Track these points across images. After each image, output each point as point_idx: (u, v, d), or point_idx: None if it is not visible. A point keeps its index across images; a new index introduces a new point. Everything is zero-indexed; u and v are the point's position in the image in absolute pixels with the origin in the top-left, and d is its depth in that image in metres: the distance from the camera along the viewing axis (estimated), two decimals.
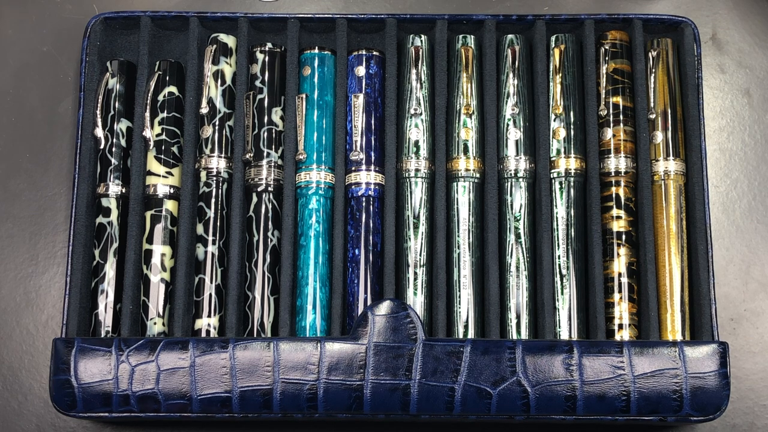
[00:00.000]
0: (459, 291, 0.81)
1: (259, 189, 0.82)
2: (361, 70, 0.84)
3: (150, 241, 0.82)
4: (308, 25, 0.86)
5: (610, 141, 0.83)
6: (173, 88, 0.84)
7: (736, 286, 0.85)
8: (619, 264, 0.81)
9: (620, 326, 0.80)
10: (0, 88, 0.89)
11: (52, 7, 0.91)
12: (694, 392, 0.75)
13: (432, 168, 0.83)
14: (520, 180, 0.82)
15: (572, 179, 0.82)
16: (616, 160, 0.82)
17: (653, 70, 0.83)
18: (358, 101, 0.83)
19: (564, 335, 0.80)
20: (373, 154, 0.83)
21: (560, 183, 0.82)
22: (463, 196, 0.82)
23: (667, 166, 0.82)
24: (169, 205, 0.82)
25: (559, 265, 0.81)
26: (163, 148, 0.83)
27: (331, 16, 0.85)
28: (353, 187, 0.82)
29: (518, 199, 0.82)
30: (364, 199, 0.82)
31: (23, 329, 0.85)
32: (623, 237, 0.81)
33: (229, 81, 0.84)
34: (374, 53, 0.85)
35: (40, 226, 0.86)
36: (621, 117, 0.83)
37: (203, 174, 0.83)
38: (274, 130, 0.83)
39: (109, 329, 0.80)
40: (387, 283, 0.80)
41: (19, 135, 0.88)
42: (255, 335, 0.80)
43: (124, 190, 0.83)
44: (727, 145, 0.88)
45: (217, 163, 0.82)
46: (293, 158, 0.82)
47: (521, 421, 0.76)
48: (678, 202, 0.82)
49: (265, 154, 0.83)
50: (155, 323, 0.81)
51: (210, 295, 0.81)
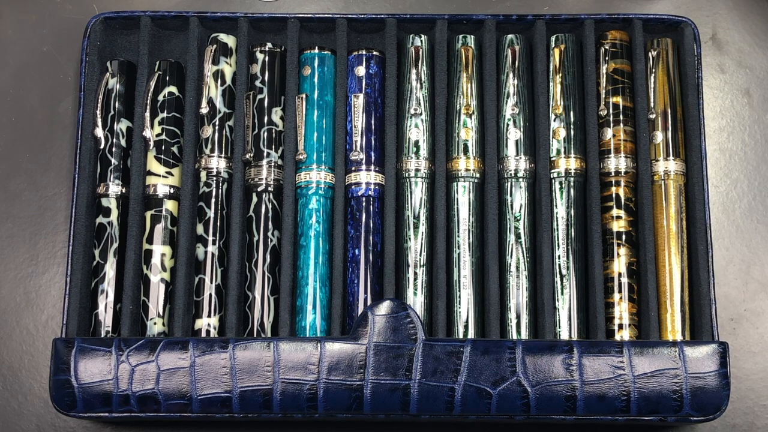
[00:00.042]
0: (459, 291, 0.81)
1: (259, 189, 0.82)
2: (361, 70, 0.84)
3: (150, 241, 0.82)
4: (308, 25, 0.86)
5: (610, 141, 0.83)
6: (173, 88, 0.84)
7: (736, 286, 0.85)
8: (619, 264, 0.81)
9: (620, 326, 0.80)
10: (0, 88, 0.89)
11: (52, 7, 0.91)
12: (694, 392, 0.75)
13: (432, 168, 0.83)
14: (520, 180, 0.82)
15: (572, 179, 0.82)
16: (616, 160, 0.82)
17: (653, 70, 0.83)
18: (358, 101, 0.83)
19: (564, 335, 0.80)
20: (373, 154, 0.83)
21: (560, 183, 0.82)
22: (463, 196, 0.82)
23: (667, 166, 0.82)
24: (169, 205, 0.82)
25: (559, 265, 0.81)
26: (163, 148, 0.83)
27: (331, 16, 0.85)
28: (353, 187, 0.82)
29: (518, 199, 0.82)
30: (364, 199, 0.82)
31: (23, 329, 0.85)
32: (623, 237, 0.81)
33: (229, 81, 0.84)
34: (374, 53, 0.85)
35: (40, 226, 0.86)
36: (621, 117, 0.83)
37: (203, 174, 0.83)
38: (274, 130, 0.83)
39: (109, 329, 0.80)
40: (387, 283, 0.80)
41: (19, 135, 0.88)
42: (255, 335, 0.80)
43: (124, 190, 0.83)
44: (727, 145, 0.88)
45: (217, 163, 0.82)
46: (293, 158, 0.82)
47: (521, 421, 0.76)
48: (678, 202, 0.82)
49: (265, 154, 0.83)
50: (155, 323, 0.81)
51: (210, 295, 0.81)
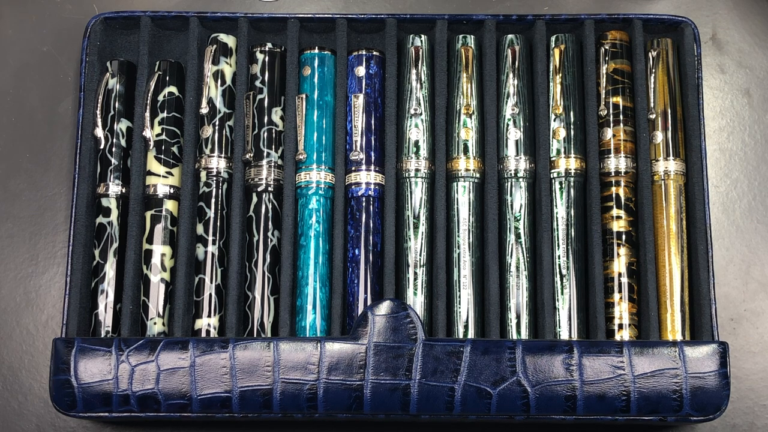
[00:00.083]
0: (459, 291, 0.81)
1: (259, 189, 0.82)
2: (361, 70, 0.84)
3: (150, 241, 0.82)
4: (308, 25, 0.86)
5: (610, 141, 0.83)
6: (173, 88, 0.84)
7: (736, 286, 0.85)
8: (619, 264, 0.81)
9: (620, 326, 0.80)
10: (0, 88, 0.89)
11: (52, 7, 0.91)
12: (694, 392, 0.75)
13: (432, 168, 0.83)
14: (520, 180, 0.82)
15: (572, 179, 0.82)
16: (616, 160, 0.82)
17: (653, 70, 0.83)
18: (358, 101, 0.83)
19: (564, 335, 0.80)
20: (373, 154, 0.83)
21: (560, 183, 0.82)
22: (463, 196, 0.82)
23: (667, 166, 0.82)
24: (169, 205, 0.82)
25: (559, 265, 0.81)
26: (163, 148, 0.83)
27: (331, 16, 0.85)
28: (353, 187, 0.82)
29: (518, 199, 0.82)
30: (364, 199, 0.82)
31: (23, 329, 0.85)
32: (623, 237, 0.81)
33: (229, 81, 0.84)
34: (374, 53, 0.85)
35: (40, 226, 0.86)
36: (621, 117, 0.83)
37: (203, 174, 0.83)
38: (274, 130, 0.83)
39: (109, 329, 0.80)
40: (387, 283, 0.80)
41: (19, 135, 0.88)
42: (255, 335, 0.80)
43: (124, 190, 0.83)
44: (727, 145, 0.88)
45: (217, 163, 0.82)
46: (293, 158, 0.82)
47: (521, 421, 0.76)
48: (678, 202, 0.82)
49: (265, 154, 0.83)
50: (155, 323, 0.81)
51: (210, 295, 0.81)
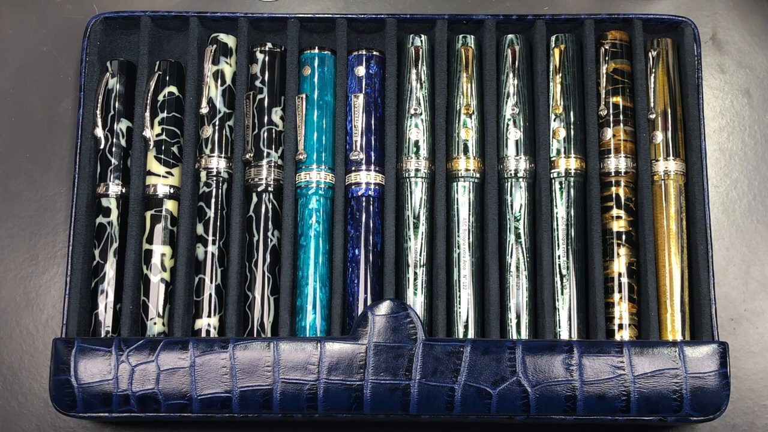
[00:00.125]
0: (459, 291, 0.81)
1: (259, 189, 0.82)
2: (361, 70, 0.84)
3: (150, 241, 0.82)
4: (308, 25, 0.86)
5: (610, 141, 0.83)
6: (173, 88, 0.84)
7: (736, 286, 0.85)
8: (619, 264, 0.81)
9: (620, 326, 0.80)
10: (0, 88, 0.89)
11: (52, 7, 0.91)
12: (694, 392, 0.75)
13: (432, 168, 0.83)
14: (520, 180, 0.82)
15: (572, 179, 0.82)
16: (616, 160, 0.82)
17: (653, 70, 0.83)
18: (358, 101, 0.83)
19: (564, 335, 0.80)
20: (373, 154, 0.83)
21: (560, 183, 0.82)
22: (463, 196, 0.82)
23: (667, 166, 0.82)
24: (169, 205, 0.82)
25: (559, 265, 0.81)
26: (163, 148, 0.83)
27: (331, 16, 0.85)
28: (353, 187, 0.82)
29: (518, 199, 0.82)
30: (364, 199, 0.82)
31: (23, 329, 0.85)
32: (623, 237, 0.81)
33: (229, 81, 0.84)
34: (374, 53, 0.85)
35: (40, 226, 0.86)
36: (621, 117, 0.83)
37: (203, 174, 0.83)
38: (274, 130, 0.83)
39: (109, 329, 0.80)
40: (387, 283, 0.80)
41: (19, 135, 0.88)
42: (255, 335, 0.80)
43: (124, 190, 0.83)
44: (727, 145, 0.88)
45: (217, 163, 0.82)
46: (293, 158, 0.82)
47: (521, 421, 0.76)
48: (678, 202, 0.82)
49: (265, 154, 0.83)
50: (155, 323, 0.81)
51: (210, 295, 0.81)
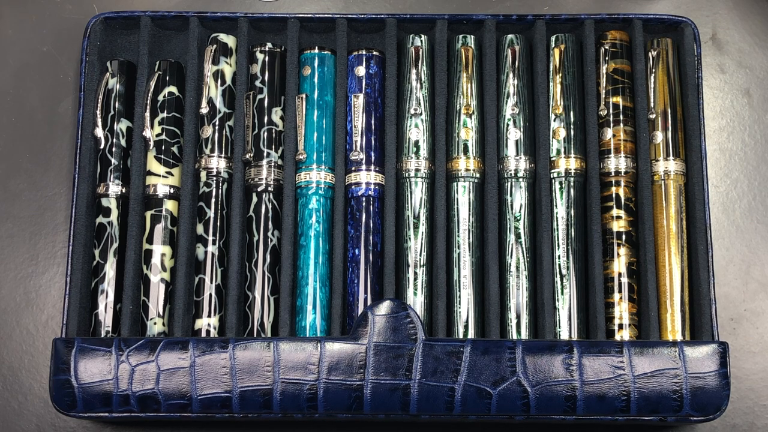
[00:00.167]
0: (459, 291, 0.81)
1: (259, 189, 0.82)
2: (361, 70, 0.84)
3: (150, 241, 0.82)
4: (308, 25, 0.86)
5: (610, 141, 0.83)
6: (173, 88, 0.84)
7: (736, 286, 0.85)
8: (619, 264, 0.81)
9: (620, 326, 0.80)
10: (0, 88, 0.89)
11: (52, 7, 0.91)
12: (694, 392, 0.75)
13: (432, 168, 0.83)
14: (520, 180, 0.82)
15: (572, 179, 0.82)
16: (616, 160, 0.82)
17: (653, 70, 0.83)
18: (358, 101, 0.83)
19: (564, 335, 0.80)
20: (373, 154, 0.83)
21: (560, 183, 0.82)
22: (463, 196, 0.82)
23: (667, 166, 0.82)
24: (169, 205, 0.82)
25: (559, 265, 0.81)
26: (163, 148, 0.83)
27: (331, 16, 0.85)
28: (353, 187, 0.82)
29: (518, 199, 0.82)
30: (364, 199, 0.82)
31: (23, 329, 0.85)
32: (623, 237, 0.81)
33: (229, 81, 0.84)
34: (374, 53, 0.85)
35: (40, 226, 0.86)
36: (621, 117, 0.83)
37: (203, 174, 0.83)
38: (274, 130, 0.83)
39: (109, 329, 0.80)
40: (387, 283, 0.80)
41: (19, 135, 0.88)
42: (255, 335, 0.80)
43: (124, 190, 0.83)
44: (727, 145, 0.88)
45: (217, 163, 0.82)
46: (293, 158, 0.82)
47: (521, 421, 0.76)
48: (678, 202, 0.82)
49: (265, 154, 0.83)
50: (155, 323, 0.81)
51: (210, 295, 0.81)
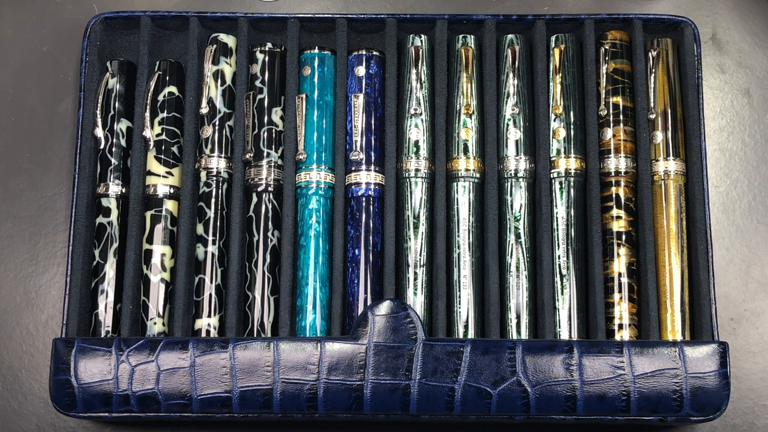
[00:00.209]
0: (459, 291, 0.81)
1: (259, 189, 0.82)
2: (361, 70, 0.84)
3: (150, 241, 0.82)
4: (308, 25, 0.86)
5: (610, 141, 0.83)
6: (173, 88, 0.84)
7: (736, 286, 0.85)
8: (619, 264, 0.81)
9: (620, 326, 0.80)
10: (0, 88, 0.89)
11: (52, 7, 0.91)
12: (694, 392, 0.75)
13: (432, 168, 0.83)
14: (520, 180, 0.82)
15: (572, 179, 0.82)
16: (616, 160, 0.82)
17: (653, 70, 0.83)
18: (358, 101, 0.83)
19: (564, 335, 0.80)
20: (373, 154, 0.83)
21: (560, 183, 0.82)
22: (463, 196, 0.82)
23: (667, 166, 0.82)
24: (169, 205, 0.82)
25: (559, 265, 0.81)
26: (163, 148, 0.83)
27: (331, 16, 0.85)
28: (353, 187, 0.82)
29: (518, 199, 0.82)
30: (364, 199, 0.82)
31: (23, 329, 0.85)
32: (623, 237, 0.81)
33: (229, 81, 0.84)
34: (374, 53, 0.85)
35: (40, 226, 0.86)
36: (621, 117, 0.83)
37: (203, 174, 0.83)
38: (274, 130, 0.83)
39: (109, 329, 0.80)
40: (387, 283, 0.80)
41: (19, 135, 0.88)
42: (255, 335, 0.80)
43: (124, 190, 0.83)
44: (727, 145, 0.88)
45: (217, 163, 0.82)
46: (293, 158, 0.82)
47: (521, 421, 0.76)
48: (678, 202, 0.82)
49: (265, 154, 0.83)
50: (155, 323, 0.81)
51: (210, 295, 0.81)
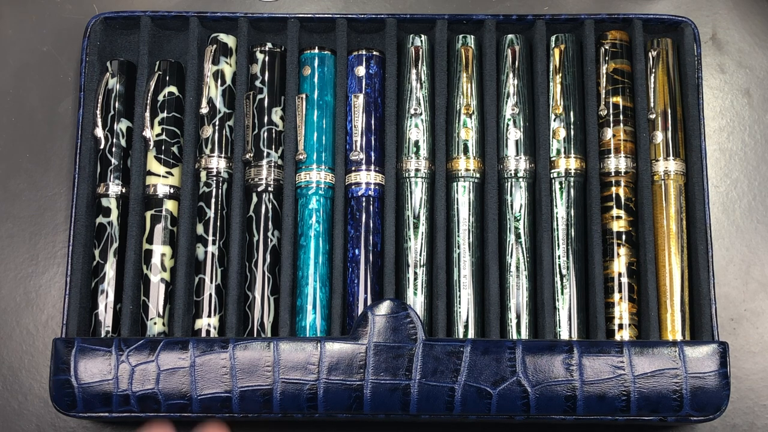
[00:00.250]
0: (459, 291, 0.81)
1: (259, 189, 0.82)
2: (361, 70, 0.84)
3: (150, 241, 0.82)
4: (308, 25, 0.86)
5: (610, 141, 0.83)
6: (173, 88, 0.84)
7: (736, 286, 0.85)
8: (619, 264, 0.81)
9: (620, 326, 0.80)
10: (0, 88, 0.89)
11: (52, 7, 0.91)
12: (694, 392, 0.75)
13: (432, 168, 0.83)
14: (520, 180, 0.82)
15: (572, 179, 0.82)
16: (616, 160, 0.82)
17: (653, 70, 0.83)
18: (358, 101, 0.83)
19: (564, 335, 0.80)
20: (373, 154, 0.83)
21: (560, 183, 0.82)
22: (463, 196, 0.82)
23: (667, 166, 0.82)
24: (169, 205, 0.82)
25: (559, 265, 0.81)
26: (163, 148, 0.83)
27: (331, 16, 0.85)
28: (353, 187, 0.82)
29: (518, 199, 0.82)
30: (364, 199, 0.82)
31: (23, 329, 0.85)
32: (623, 237, 0.81)
33: (229, 81, 0.84)
34: (374, 53, 0.85)
35: (40, 226, 0.86)
36: (621, 117, 0.83)
37: (203, 174, 0.83)
38: (274, 130, 0.83)
39: (109, 329, 0.80)
40: (387, 283, 0.80)
41: (19, 135, 0.88)
42: (255, 335, 0.80)
43: (124, 190, 0.83)
44: (727, 145, 0.88)
45: (217, 163, 0.82)
46: (293, 158, 0.82)
47: (521, 421, 0.76)
48: (678, 202, 0.82)
49: (265, 154, 0.83)
50: (155, 323, 0.81)
51: (210, 295, 0.81)
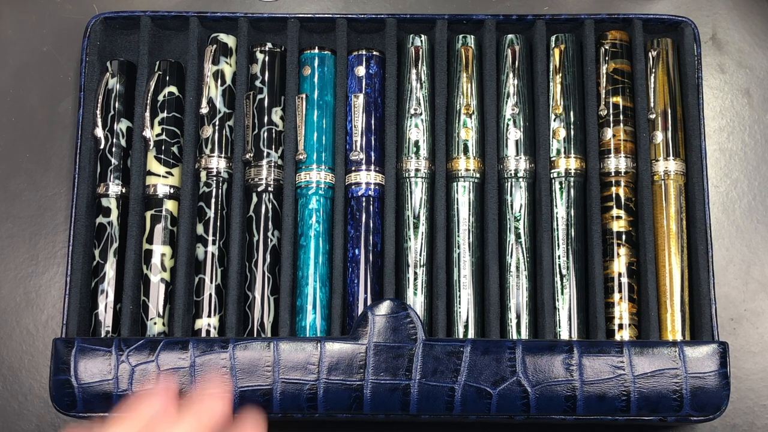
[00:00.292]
0: (459, 291, 0.81)
1: (259, 189, 0.82)
2: (361, 70, 0.84)
3: (150, 241, 0.82)
4: (308, 25, 0.86)
5: (610, 141, 0.83)
6: (173, 88, 0.84)
7: (736, 286, 0.85)
8: (619, 264, 0.81)
9: (620, 326, 0.80)
10: (0, 88, 0.89)
11: (52, 7, 0.91)
12: (694, 392, 0.75)
13: (432, 168, 0.83)
14: (520, 180, 0.82)
15: (572, 179, 0.82)
16: (616, 160, 0.82)
17: (653, 70, 0.83)
18: (358, 101, 0.83)
19: (564, 335, 0.80)
20: (373, 154, 0.83)
21: (560, 183, 0.82)
22: (463, 196, 0.82)
23: (667, 166, 0.82)
24: (169, 205, 0.82)
25: (559, 265, 0.81)
26: (163, 148, 0.83)
27: (331, 16, 0.85)
28: (353, 187, 0.82)
29: (518, 199, 0.82)
30: (364, 199, 0.82)
31: (23, 329, 0.85)
32: (623, 237, 0.81)
33: (229, 81, 0.84)
34: (374, 53, 0.85)
35: (40, 226, 0.86)
36: (621, 117, 0.83)
37: (203, 174, 0.83)
38: (274, 130, 0.83)
39: (109, 329, 0.80)
40: (387, 283, 0.80)
41: (19, 135, 0.88)
42: (255, 335, 0.80)
43: (124, 190, 0.83)
44: (727, 145, 0.88)
45: (217, 163, 0.82)
46: (293, 158, 0.82)
47: (521, 421, 0.76)
48: (678, 202, 0.82)
49: (265, 154, 0.83)
50: (155, 323, 0.81)
51: (210, 295, 0.81)
